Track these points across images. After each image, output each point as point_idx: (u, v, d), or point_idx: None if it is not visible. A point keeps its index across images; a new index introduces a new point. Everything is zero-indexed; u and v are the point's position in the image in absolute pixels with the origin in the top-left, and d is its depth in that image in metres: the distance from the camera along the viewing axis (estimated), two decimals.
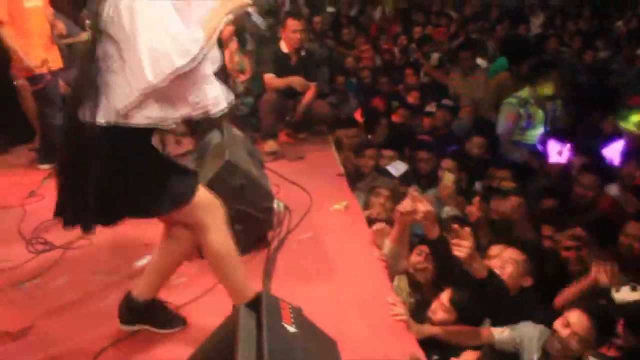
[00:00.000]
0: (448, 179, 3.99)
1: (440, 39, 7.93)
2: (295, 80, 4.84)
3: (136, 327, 2.47)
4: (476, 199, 3.74)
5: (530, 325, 2.66)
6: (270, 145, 4.85)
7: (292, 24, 4.80)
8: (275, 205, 3.58)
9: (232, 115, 5.45)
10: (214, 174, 3.09)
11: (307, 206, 3.76)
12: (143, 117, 1.96)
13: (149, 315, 2.48)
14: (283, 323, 1.66)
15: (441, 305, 2.74)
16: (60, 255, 3.24)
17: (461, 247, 2.50)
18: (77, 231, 3.31)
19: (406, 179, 4.25)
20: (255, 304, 1.75)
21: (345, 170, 4.52)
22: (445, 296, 2.75)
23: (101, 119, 1.95)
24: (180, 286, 2.90)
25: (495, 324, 2.74)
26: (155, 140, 2.16)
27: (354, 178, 4.48)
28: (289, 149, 5.02)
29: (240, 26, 5.11)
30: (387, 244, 3.11)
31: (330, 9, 7.95)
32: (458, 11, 9.64)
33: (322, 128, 5.38)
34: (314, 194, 3.93)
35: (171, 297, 2.67)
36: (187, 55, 1.87)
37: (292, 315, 1.74)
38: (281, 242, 3.29)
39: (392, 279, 3.03)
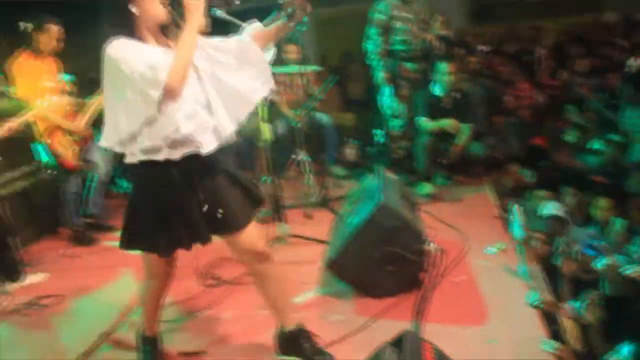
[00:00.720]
0: (620, 224, 3.76)
1: None
2: (449, 123, 4.90)
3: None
4: None
5: None
6: (426, 188, 4.93)
7: (443, 67, 4.90)
8: (429, 247, 3.65)
9: (389, 159, 5.64)
10: (367, 216, 3.23)
11: (463, 248, 3.77)
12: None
13: (298, 345, 2.64)
14: None
15: None
16: (228, 289, 3.58)
17: None
18: (243, 268, 3.65)
19: (565, 220, 4.07)
20: (399, 343, 1.84)
21: (503, 212, 4.45)
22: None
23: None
24: (336, 322, 3.06)
25: None
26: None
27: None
28: (445, 191, 5.04)
29: (394, 72, 5.28)
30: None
31: (483, 48, 7.87)
32: (627, 39, 9.02)
33: (479, 169, 5.34)
34: (470, 236, 3.94)
35: (326, 333, 2.83)
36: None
37: (434, 355, 1.80)
38: (434, 284, 3.32)
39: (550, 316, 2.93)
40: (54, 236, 5.39)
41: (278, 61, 6.78)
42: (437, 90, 5.04)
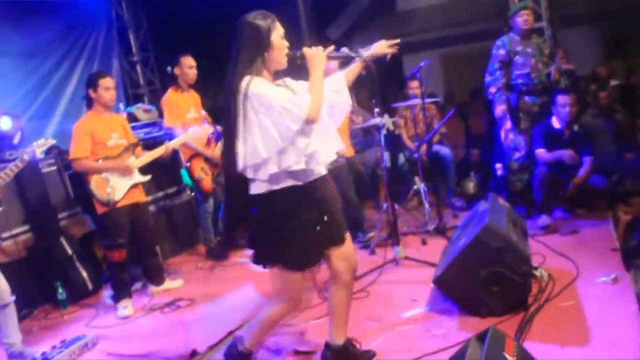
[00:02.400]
0: None
1: None
2: (566, 154, 4.88)
3: None
4: None
5: None
6: (543, 219, 4.91)
7: (562, 99, 4.90)
8: (537, 272, 3.70)
9: (508, 192, 5.68)
10: (474, 235, 3.38)
11: (573, 277, 3.76)
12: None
13: (348, 354, 2.94)
14: (504, 353, 1.88)
15: None
16: None
17: None
18: (357, 283, 3.91)
19: None
20: (483, 336, 2.00)
21: (622, 245, 4.34)
22: None
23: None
24: (439, 336, 3.22)
25: None
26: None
27: (632, 254, 4.26)
28: (563, 223, 5.00)
29: (515, 105, 5.34)
30: None
31: (614, 82, 7.63)
32: None
33: (601, 203, 5.21)
34: (581, 266, 3.90)
35: (428, 345, 3.09)
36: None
37: (516, 350, 1.94)
38: (540, 307, 3.36)
39: None
40: (192, 251, 6.01)
41: (401, 96, 7.15)
42: (555, 122, 5.04)
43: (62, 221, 5.25)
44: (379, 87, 4.62)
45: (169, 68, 5.46)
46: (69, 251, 4.98)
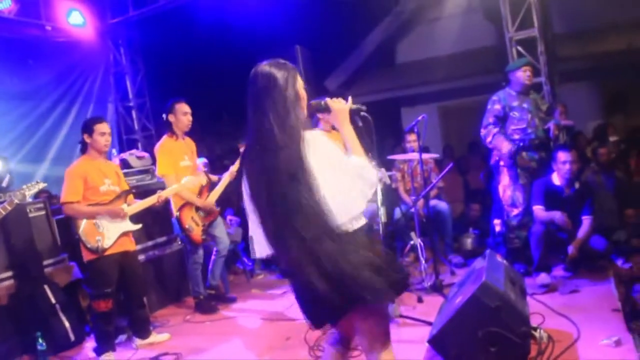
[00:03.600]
0: None
1: None
2: (560, 217, 4.78)
3: None
4: None
5: None
6: (541, 277, 4.77)
7: (562, 155, 4.82)
8: (536, 333, 3.55)
9: (507, 249, 5.54)
10: (471, 294, 3.24)
11: (573, 338, 3.60)
12: None
13: None
14: None
15: None
16: None
17: None
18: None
19: None
20: None
21: (623, 305, 4.20)
22: None
23: None
24: None
25: None
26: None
27: (633, 314, 4.12)
28: (563, 282, 4.85)
29: (512, 160, 5.26)
30: None
31: (613, 138, 7.59)
32: None
33: (604, 263, 5.08)
34: (582, 327, 3.75)
35: None
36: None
37: None
38: None
39: None
40: (180, 303, 5.83)
41: (399, 149, 7.09)
42: (556, 179, 4.95)
43: (47, 268, 5.08)
44: (376, 139, 4.56)
45: (164, 115, 5.41)
46: (52, 300, 4.80)
